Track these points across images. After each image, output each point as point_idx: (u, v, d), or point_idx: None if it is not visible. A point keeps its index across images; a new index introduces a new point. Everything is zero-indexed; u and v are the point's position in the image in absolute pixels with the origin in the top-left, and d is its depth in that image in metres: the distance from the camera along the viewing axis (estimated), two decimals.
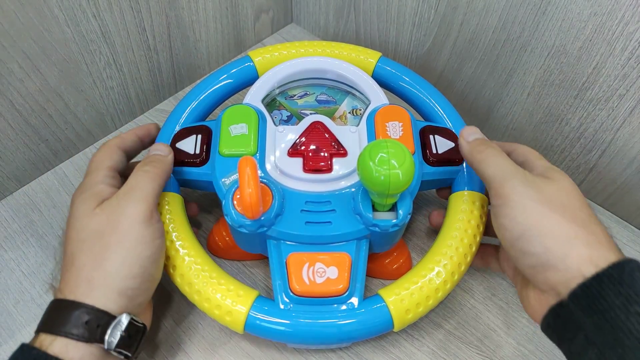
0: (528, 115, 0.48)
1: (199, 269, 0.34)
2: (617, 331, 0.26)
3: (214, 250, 0.43)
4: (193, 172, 0.39)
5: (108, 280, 0.31)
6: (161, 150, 0.38)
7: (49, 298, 0.40)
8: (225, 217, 0.34)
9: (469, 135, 0.37)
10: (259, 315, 0.33)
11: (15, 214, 0.46)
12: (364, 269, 0.35)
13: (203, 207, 0.46)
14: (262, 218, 0.34)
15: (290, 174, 0.37)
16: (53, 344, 0.29)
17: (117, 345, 0.30)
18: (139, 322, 0.31)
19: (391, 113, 0.40)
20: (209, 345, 0.39)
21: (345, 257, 0.34)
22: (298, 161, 0.37)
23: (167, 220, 0.37)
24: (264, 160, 0.38)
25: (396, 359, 0.38)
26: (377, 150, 0.31)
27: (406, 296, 0.34)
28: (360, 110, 0.43)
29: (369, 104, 0.42)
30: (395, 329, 0.34)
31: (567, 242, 0.30)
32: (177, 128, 0.41)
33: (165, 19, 0.49)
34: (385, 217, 0.34)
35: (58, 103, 0.45)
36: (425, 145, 0.40)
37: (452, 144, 0.40)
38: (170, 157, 0.38)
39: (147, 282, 0.33)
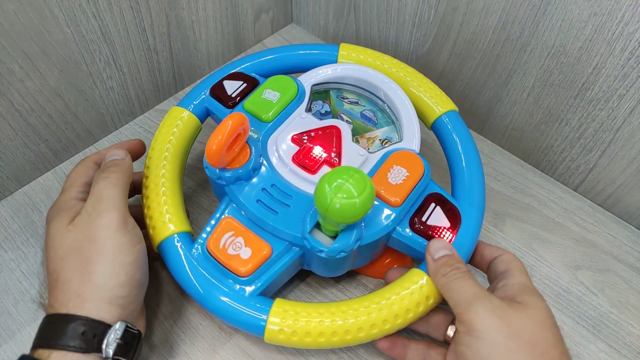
0: (528, 115, 0.48)
1: (162, 182, 0.38)
2: None
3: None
4: (220, 110, 0.42)
5: (97, 292, 0.31)
6: (117, 155, 0.37)
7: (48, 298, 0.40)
8: (205, 155, 0.35)
9: (436, 252, 0.34)
10: (173, 245, 0.36)
11: (15, 214, 0.46)
12: (279, 272, 0.35)
13: (203, 207, 0.46)
14: (222, 172, 0.35)
15: (280, 155, 0.38)
16: (50, 357, 0.29)
17: (115, 353, 0.30)
18: (134, 329, 0.32)
19: (407, 159, 0.37)
20: (209, 345, 0.39)
21: (267, 249, 0.35)
22: (294, 148, 0.38)
23: (168, 139, 0.40)
24: (272, 131, 0.39)
25: None
26: (340, 175, 0.30)
27: (291, 317, 0.33)
28: (389, 143, 0.41)
29: (400, 142, 0.40)
30: (266, 340, 0.34)
31: None
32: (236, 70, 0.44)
33: (165, 19, 0.49)
34: (319, 239, 0.33)
35: (58, 103, 0.45)
36: (421, 208, 0.36)
37: (447, 224, 0.36)
38: (127, 159, 0.37)
39: (135, 289, 0.33)
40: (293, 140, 0.38)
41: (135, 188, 0.41)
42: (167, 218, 0.36)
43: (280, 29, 0.64)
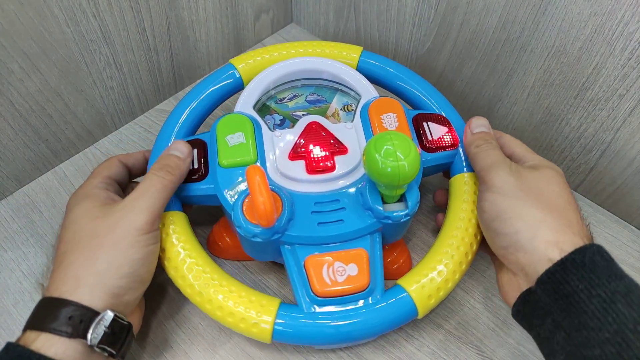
0: (528, 115, 0.48)
1: (217, 284, 0.34)
2: (581, 314, 0.28)
3: (213, 251, 0.43)
4: (194, 188, 0.37)
5: (96, 278, 0.31)
6: (180, 152, 0.37)
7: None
8: (237, 229, 0.34)
9: (476, 127, 0.39)
10: (286, 323, 0.33)
11: (15, 214, 0.46)
12: (381, 262, 0.36)
13: (203, 207, 0.46)
14: (275, 225, 0.33)
15: (295, 177, 0.37)
16: (37, 340, 0.29)
17: (101, 342, 0.30)
18: (123, 320, 0.31)
19: (384, 105, 0.40)
20: (209, 345, 0.39)
21: (362, 253, 0.35)
22: (300, 164, 0.37)
23: (175, 240, 0.36)
24: (265, 166, 0.37)
25: (396, 359, 0.38)
26: (382, 143, 0.31)
27: (426, 283, 0.35)
28: (351, 106, 0.43)
29: (360, 98, 0.42)
30: (420, 316, 0.35)
31: (535, 225, 0.32)
32: (173, 139, 0.40)
33: (165, 19, 0.49)
34: (396, 209, 0.35)
35: (58, 103, 0.45)
36: (420, 133, 0.41)
37: (445, 129, 0.41)
38: (188, 160, 0.37)
39: (135, 282, 0.33)
40: (292, 158, 0.38)
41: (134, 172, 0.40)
42: (259, 306, 0.33)
43: (280, 29, 0.64)
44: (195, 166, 0.38)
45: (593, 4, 0.38)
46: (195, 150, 0.38)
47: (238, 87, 0.45)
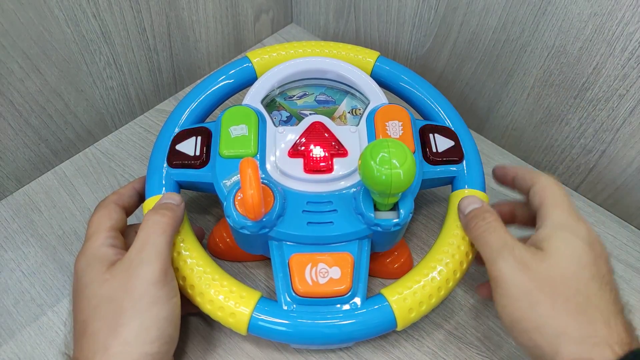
0: (528, 116, 0.48)
1: (201, 270, 0.34)
2: None
3: (214, 252, 0.43)
4: (193, 174, 0.38)
5: (125, 346, 0.29)
6: (173, 200, 0.36)
7: (48, 298, 0.40)
8: (227, 218, 0.34)
9: (466, 208, 0.36)
10: (262, 317, 0.33)
11: (15, 214, 0.46)
12: (367, 269, 0.35)
13: (203, 208, 0.46)
14: (264, 219, 0.34)
15: (291, 174, 0.37)
16: None
17: None
18: None
19: (391, 112, 0.40)
20: (209, 345, 0.39)
21: (348, 257, 0.34)
22: (299, 162, 0.37)
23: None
24: (264, 161, 0.37)
25: (396, 359, 0.38)
26: (379, 150, 0.31)
27: (409, 295, 0.34)
28: (359, 110, 0.43)
29: (369, 103, 0.42)
30: (399, 329, 0.34)
31: (554, 339, 0.28)
32: (177, 130, 0.41)
33: (165, 19, 0.49)
34: (387, 217, 0.34)
35: (58, 103, 0.45)
36: (425, 143, 0.40)
37: (452, 143, 0.40)
38: (182, 206, 0.36)
39: (166, 345, 0.31)
40: (291, 155, 0.38)
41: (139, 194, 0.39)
42: (237, 297, 0.34)
43: (280, 29, 0.64)
44: (197, 153, 0.38)
45: (593, 4, 0.38)
46: (199, 138, 0.39)
47: (251, 80, 0.44)
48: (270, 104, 0.43)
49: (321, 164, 0.37)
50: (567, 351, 0.27)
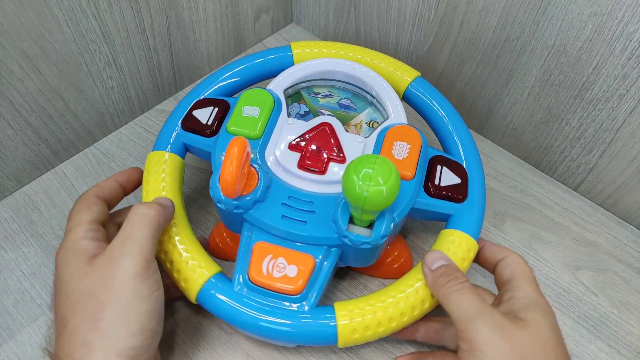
0: (528, 115, 0.48)
1: (174, 231, 0.36)
2: None
3: (214, 252, 0.43)
4: (200, 141, 0.40)
5: (106, 342, 0.29)
6: (165, 200, 0.35)
7: (48, 298, 0.40)
8: (210, 190, 0.35)
9: (432, 263, 0.34)
10: (212, 291, 0.34)
11: (15, 214, 0.46)
12: (327, 278, 0.35)
13: (203, 207, 0.46)
14: (239, 201, 0.34)
15: (284, 165, 0.37)
16: None
17: None
18: None
19: (403, 133, 0.39)
20: (209, 345, 0.39)
21: (309, 260, 0.34)
22: (296, 156, 0.38)
23: (160, 186, 0.37)
24: (265, 146, 0.38)
25: None
26: (364, 164, 0.30)
27: (358, 315, 0.33)
28: (377, 123, 0.42)
29: (387, 119, 0.41)
30: (340, 345, 0.34)
31: None
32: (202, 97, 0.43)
33: (165, 19, 0.49)
34: (358, 232, 0.34)
35: (58, 103, 0.45)
36: (430, 174, 0.38)
37: (458, 180, 0.38)
38: (173, 207, 0.36)
39: (148, 339, 0.30)
40: (291, 147, 0.38)
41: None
42: (195, 265, 0.34)
43: (280, 29, 0.64)
44: (210, 122, 0.40)
45: (593, 4, 0.38)
46: (216, 109, 0.41)
47: (287, 67, 0.45)
48: (294, 95, 0.43)
49: (315, 163, 0.37)
50: None
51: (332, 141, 0.38)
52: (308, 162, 0.37)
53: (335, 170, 0.37)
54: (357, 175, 0.29)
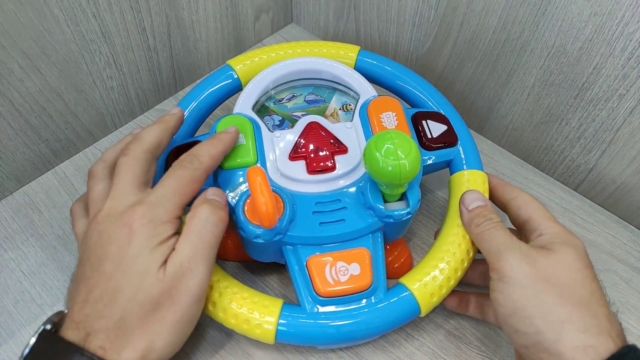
0: (528, 115, 0.48)
1: (222, 286, 0.34)
2: None
3: (217, 253, 0.43)
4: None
5: (150, 354, 0.29)
6: (219, 197, 0.34)
7: (48, 298, 0.40)
8: (240, 231, 0.34)
9: (470, 203, 0.36)
10: (289, 323, 0.33)
11: (15, 214, 0.46)
12: (384, 261, 0.36)
13: None
14: (277, 226, 0.33)
15: (295, 177, 0.37)
16: None
17: None
18: None
19: (383, 104, 0.40)
20: (209, 346, 0.39)
21: (365, 252, 0.35)
22: (301, 164, 0.37)
23: None
24: (265, 167, 0.37)
25: (396, 359, 0.38)
26: (383, 142, 0.31)
27: (429, 281, 0.34)
28: (350, 105, 0.43)
29: (358, 97, 0.42)
30: (422, 314, 0.35)
31: (558, 325, 0.29)
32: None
33: (165, 19, 0.49)
34: (397, 207, 0.35)
35: (58, 103, 0.45)
36: (419, 131, 0.41)
37: (444, 127, 0.41)
38: (226, 208, 0.34)
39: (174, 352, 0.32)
40: (292, 158, 0.38)
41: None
42: (262, 307, 0.33)
43: (280, 29, 0.64)
44: None
45: (593, 4, 0.38)
46: None
47: (236, 88, 0.45)
48: (261, 109, 0.42)
49: (323, 163, 0.37)
50: (571, 337, 0.28)
51: (326, 136, 0.39)
52: (315, 164, 0.37)
53: (342, 161, 0.38)
54: (383, 154, 0.31)
